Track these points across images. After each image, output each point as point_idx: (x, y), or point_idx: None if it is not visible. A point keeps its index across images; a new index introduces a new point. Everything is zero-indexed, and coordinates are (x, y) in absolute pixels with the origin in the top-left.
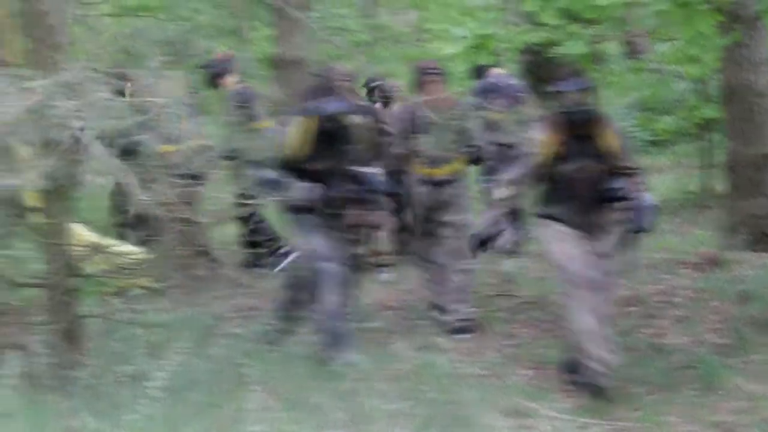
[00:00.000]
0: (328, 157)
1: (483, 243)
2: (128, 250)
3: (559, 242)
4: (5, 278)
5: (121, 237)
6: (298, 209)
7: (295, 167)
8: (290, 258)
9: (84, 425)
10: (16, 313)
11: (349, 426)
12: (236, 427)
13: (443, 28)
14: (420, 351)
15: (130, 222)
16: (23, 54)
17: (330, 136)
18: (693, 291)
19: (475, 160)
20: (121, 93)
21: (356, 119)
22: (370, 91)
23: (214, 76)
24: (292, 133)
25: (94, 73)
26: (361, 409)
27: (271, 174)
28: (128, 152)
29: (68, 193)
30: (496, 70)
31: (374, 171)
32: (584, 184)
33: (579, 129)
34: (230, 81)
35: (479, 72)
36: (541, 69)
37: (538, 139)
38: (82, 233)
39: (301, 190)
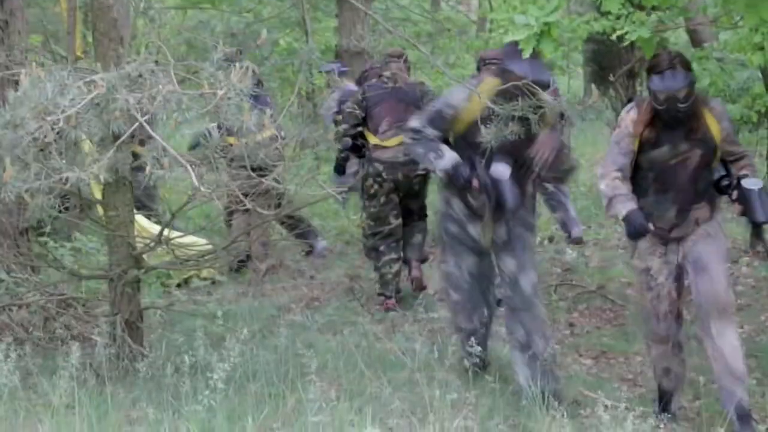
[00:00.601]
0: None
1: None
2: (191, 241)
3: (644, 275)
4: (69, 270)
5: None
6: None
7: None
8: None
9: (145, 416)
10: (79, 304)
11: (409, 416)
12: (297, 418)
13: (506, 18)
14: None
15: None
16: (87, 47)
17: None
18: (755, 279)
19: None
20: None
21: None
22: None
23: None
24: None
25: (157, 66)
26: (421, 399)
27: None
28: (192, 145)
29: (131, 185)
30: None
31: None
32: (680, 173)
33: (677, 122)
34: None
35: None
36: (605, 58)
37: (629, 120)
38: (145, 225)
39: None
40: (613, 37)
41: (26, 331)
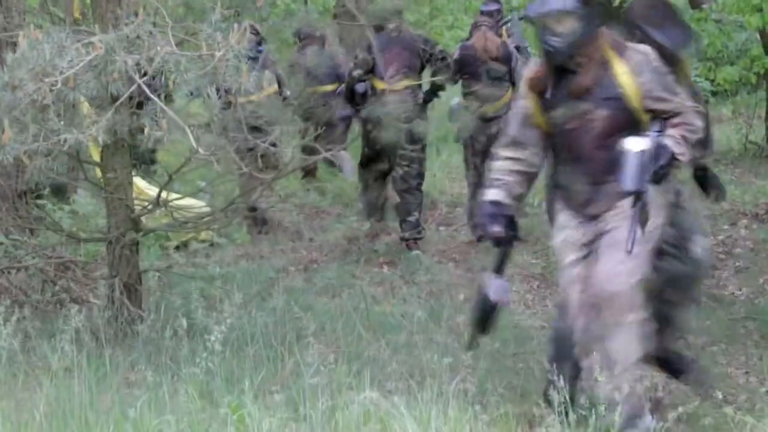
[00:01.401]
0: None
1: None
2: (189, 203)
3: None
4: (68, 233)
5: None
6: None
7: None
8: None
9: (143, 378)
10: (78, 267)
11: (407, 379)
12: (295, 380)
13: None
14: None
15: None
16: (85, 9)
17: None
18: (753, 242)
19: None
20: None
21: None
22: None
23: None
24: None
25: (155, 27)
26: (419, 362)
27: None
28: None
29: (129, 147)
30: None
31: None
32: (584, 139)
33: (565, 66)
34: None
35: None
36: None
37: (525, 74)
38: (143, 187)
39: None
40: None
41: (25, 294)
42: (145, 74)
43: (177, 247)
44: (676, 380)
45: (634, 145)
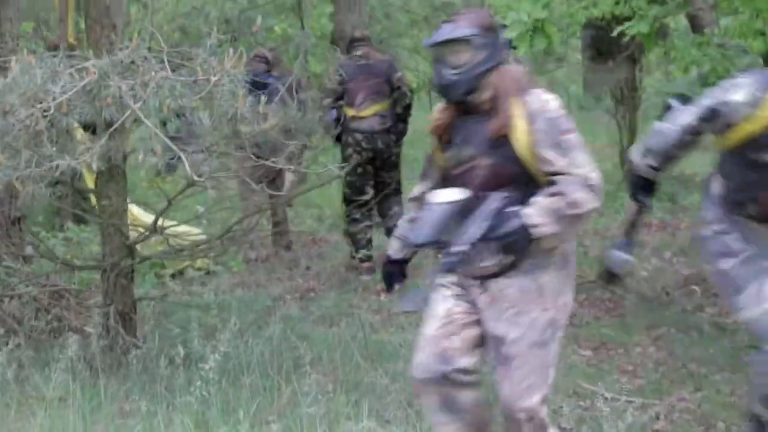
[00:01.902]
0: None
1: None
2: (185, 230)
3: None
4: (62, 260)
5: None
6: None
7: None
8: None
9: (138, 408)
10: (72, 295)
11: (405, 408)
12: (292, 410)
13: (504, 4)
14: None
15: None
16: (80, 34)
17: None
18: None
19: None
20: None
21: None
22: None
23: None
24: None
25: (150, 52)
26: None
27: None
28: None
29: (124, 174)
30: None
31: None
32: (473, 188)
33: (460, 105)
34: None
35: None
36: (603, 44)
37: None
38: (139, 214)
39: None
40: (614, 33)
41: (18, 323)
42: (139, 99)
43: (173, 275)
44: None
45: (444, 196)
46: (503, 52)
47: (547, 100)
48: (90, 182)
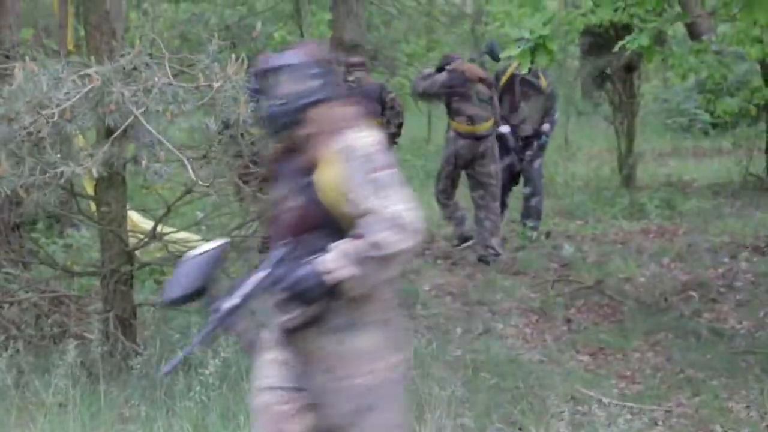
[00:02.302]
0: None
1: None
2: (184, 237)
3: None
4: (62, 267)
5: None
6: None
7: None
8: None
9: (138, 414)
10: (72, 301)
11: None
12: None
13: (503, 10)
14: (479, 337)
15: None
16: (79, 41)
17: None
18: (754, 275)
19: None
20: None
21: None
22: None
23: None
24: None
25: (151, 58)
26: (417, 397)
27: None
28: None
29: (124, 180)
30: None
31: None
32: (276, 235)
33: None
34: None
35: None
36: (602, 51)
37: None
38: (138, 221)
39: None
40: (616, 49)
41: (18, 329)
42: (141, 105)
43: None
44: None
45: (199, 248)
46: (335, 89)
47: (362, 137)
48: (89, 188)
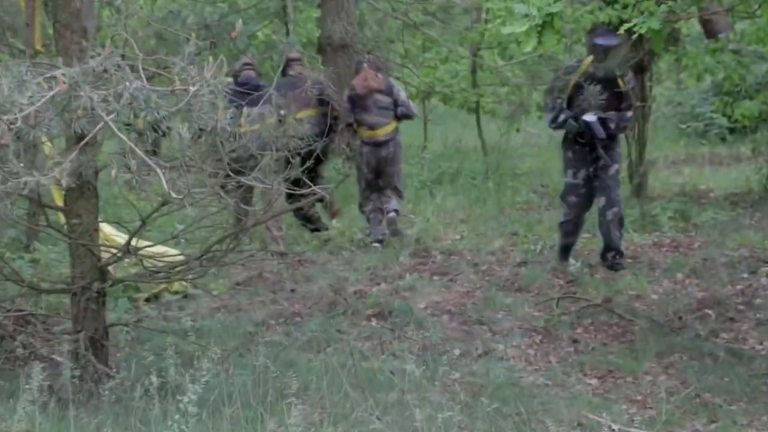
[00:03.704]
0: None
1: None
2: (161, 251)
3: None
4: (28, 283)
5: None
6: None
7: None
8: None
9: None
10: (39, 321)
11: None
12: None
13: (504, 8)
14: (478, 358)
15: None
16: (47, 40)
17: None
18: None
19: None
20: None
21: None
22: None
23: None
24: None
25: (124, 60)
26: (411, 423)
27: None
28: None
29: (95, 190)
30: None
31: None
32: None
33: None
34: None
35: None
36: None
37: None
38: (111, 234)
39: None
40: (621, 30)
41: None
42: (112, 111)
43: (147, 299)
44: None
45: None
46: None
47: None
48: (58, 199)
